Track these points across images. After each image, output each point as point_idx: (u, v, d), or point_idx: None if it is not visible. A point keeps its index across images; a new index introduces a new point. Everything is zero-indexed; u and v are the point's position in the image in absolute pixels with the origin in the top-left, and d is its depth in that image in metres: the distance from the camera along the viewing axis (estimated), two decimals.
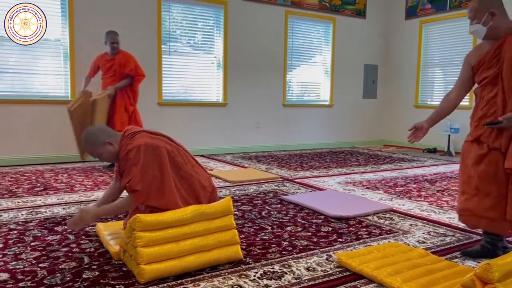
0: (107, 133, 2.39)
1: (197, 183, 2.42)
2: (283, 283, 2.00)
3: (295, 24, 7.44)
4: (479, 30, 2.23)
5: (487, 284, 1.58)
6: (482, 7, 2.20)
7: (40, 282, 1.98)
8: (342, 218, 3.09)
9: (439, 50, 7.63)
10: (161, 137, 2.43)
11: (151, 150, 2.26)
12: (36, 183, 4.23)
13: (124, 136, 2.38)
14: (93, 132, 2.39)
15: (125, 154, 2.29)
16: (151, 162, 2.24)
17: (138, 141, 2.28)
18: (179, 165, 2.37)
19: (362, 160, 6.27)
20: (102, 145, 2.34)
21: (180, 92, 6.64)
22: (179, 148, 2.46)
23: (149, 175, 2.21)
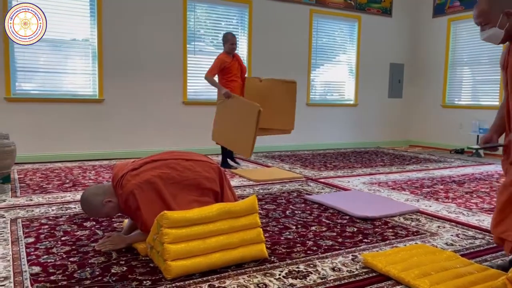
0: (101, 193, 2.34)
1: (203, 180, 2.42)
2: (308, 283, 2.00)
3: (319, 23, 7.40)
4: (496, 34, 1.94)
5: None
6: (495, 8, 1.91)
7: (70, 275, 2.03)
8: (368, 219, 3.06)
9: (467, 48, 7.45)
10: (145, 166, 2.36)
11: (144, 189, 2.24)
12: (65, 180, 4.34)
13: (115, 186, 2.34)
14: (88, 198, 2.33)
15: (125, 205, 2.29)
16: (150, 199, 2.25)
17: (128, 187, 2.25)
18: (178, 179, 2.35)
19: (387, 161, 6.18)
20: (102, 206, 2.32)
21: (204, 91, 6.69)
22: (168, 162, 2.41)
23: (155, 212, 2.19)
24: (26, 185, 4.07)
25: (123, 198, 2.28)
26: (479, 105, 7.23)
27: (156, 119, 6.18)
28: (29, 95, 5.54)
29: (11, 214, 3.06)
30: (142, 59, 6.03)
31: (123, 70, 5.90)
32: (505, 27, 1.91)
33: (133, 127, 6.01)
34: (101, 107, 5.82)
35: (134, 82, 5.99)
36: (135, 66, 5.99)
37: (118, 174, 2.36)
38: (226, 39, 5.07)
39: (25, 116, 5.41)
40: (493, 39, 1.98)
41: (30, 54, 5.44)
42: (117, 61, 5.86)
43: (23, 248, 2.37)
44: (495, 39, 1.98)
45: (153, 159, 2.44)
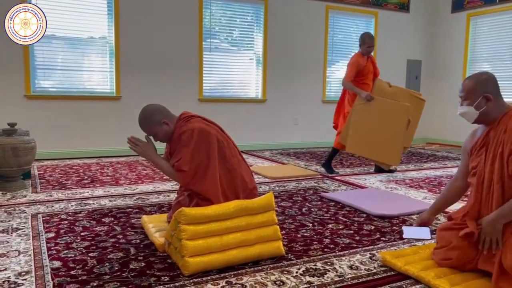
0: (164, 113, 2.42)
1: (239, 177, 2.44)
2: (326, 281, 1.99)
3: (335, 19, 7.33)
4: (470, 113, 2.00)
5: None
6: (478, 89, 1.97)
7: (90, 270, 2.06)
8: (385, 217, 3.03)
9: (487, 44, 7.30)
10: (214, 126, 2.47)
11: (204, 136, 2.31)
12: (83, 176, 4.41)
13: (180, 118, 2.44)
14: (151, 110, 2.41)
15: (179, 135, 2.35)
16: (201, 147, 2.30)
17: (193, 125, 2.33)
18: (226, 157, 2.40)
19: (404, 158, 6.11)
20: (158, 124, 2.39)
21: (219, 88, 6.71)
22: (229, 141, 2.50)
23: (197, 159, 2.27)
24: (46, 181, 4.14)
25: (181, 130, 2.34)
26: None
27: None
28: (48, 92, 5.63)
29: (32, 209, 3.12)
30: (158, 56, 6.06)
31: (140, 68, 5.95)
32: (481, 110, 1.98)
33: None
34: (118, 104, 5.88)
35: (150, 79, 6.04)
36: (152, 63, 6.03)
37: (189, 113, 2.47)
38: (363, 41, 4.73)
39: (44, 113, 5.50)
40: (467, 117, 2.05)
41: (49, 52, 5.53)
42: (134, 58, 5.91)
43: (43, 243, 2.42)
44: (469, 117, 2.04)
45: (222, 129, 2.52)
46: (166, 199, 3.50)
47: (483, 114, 1.99)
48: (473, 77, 2.04)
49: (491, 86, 1.99)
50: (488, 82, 2.00)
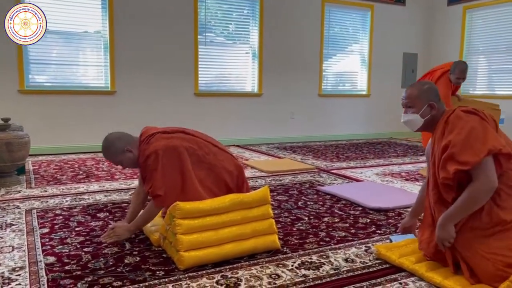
0: (125, 140, 2.34)
1: (222, 170, 2.40)
2: (321, 274, 1.99)
3: (331, 12, 7.30)
4: (415, 120, 1.98)
5: None
6: (422, 97, 1.96)
7: (84, 265, 2.05)
8: (381, 210, 3.03)
9: (483, 37, 7.30)
10: (177, 134, 2.38)
11: (169, 153, 2.24)
12: (79, 171, 4.39)
13: (141, 141, 2.35)
14: (112, 141, 2.33)
15: (144, 160, 2.27)
16: (170, 165, 2.23)
17: (155, 145, 2.25)
18: (201, 159, 2.34)
19: (400, 151, 6.12)
20: (122, 153, 2.32)
21: (215, 82, 6.68)
22: (198, 140, 2.42)
23: (170, 179, 2.21)
24: (41, 176, 4.12)
25: (145, 155, 2.27)
26: (494, 95, 7.09)
27: (167, 111, 6.19)
28: (42, 87, 5.58)
29: (26, 205, 3.10)
30: (153, 50, 6.02)
31: (135, 62, 5.91)
32: (426, 118, 1.97)
33: (144, 119, 6.02)
34: (113, 99, 5.85)
35: (145, 73, 6.00)
36: (147, 57, 5.99)
37: (148, 132, 2.38)
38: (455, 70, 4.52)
39: (38, 108, 5.46)
40: (411, 124, 2.03)
41: (43, 47, 5.48)
42: (129, 53, 5.87)
43: (38, 239, 2.40)
44: (413, 125, 2.02)
45: (186, 132, 2.45)
46: None
47: (427, 122, 1.98)
48: (417, 86, 2.04)
49: (434, 95, 1.98)
50: (431, 91, 1.99)
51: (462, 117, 1.82)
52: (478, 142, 1.74)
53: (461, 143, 1.75)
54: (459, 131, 1.78)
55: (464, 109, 1.87)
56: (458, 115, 1.84)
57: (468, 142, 1.75)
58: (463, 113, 1.84)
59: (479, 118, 1.82)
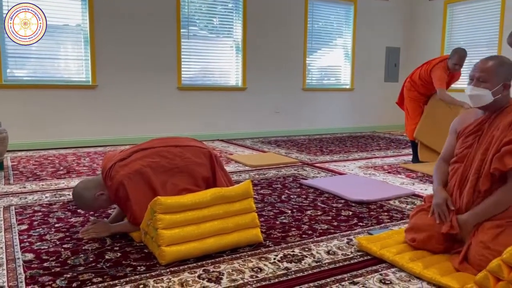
0: (91, 187, 2.29)
1: (193, 167, 2.38)
2: (303, 266, 1.99)
3: (315, 6, 7.30)
4: (485, 96, 1.86)
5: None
6: (500, 74, 1.84)
7: (64, 262, 2.02)
8: (363, 203, 3.06)
9: (464, 32, 7.39)
10: (135, 155, 2.33)
11: (134, 179, 2.21)
12: (59, 167, 4.31)
13: (104, 178, 2.30)
14: (80, 193, 2.28)
15: (115, 195, 2.24)
16: (140, 190, 2.21)
17: (117, 178, 2.21)
18: (168, 167, 2.31)
19: (383, 145, 6.18)
20: (95, 200, 2.28)
21: (199, 76, 6.63)
22: (158, 150, 2.38)
23: (144, 203, 2.17)
24: (20, 172, 4.04)
25: (113, 190, 2.24)
26: None
27: (150, 105, 6.13)
28: (21, 81, 5.46)
29: (4, 201, 3.04)
30: (135, 44, 5.94)
31: (116, 56, 5.83)
32: (497, 97, 1.87)
33: (127, 113, 5.96)
34: (94, 93, 5.76)
35: (127, 67, 5.92)
36: (128, 51, 5.91)
37: (106, 166, 2.31)
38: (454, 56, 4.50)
39: (17, 103, 5.34)
40: (478, 100, 1.91)
41: None
42: (110, 46, 5.77)
43: (16, 236, 2.36)
44: (480, 101, 1.90)
45: (142, 148, 2.40)
46: None
47: (495, 101, 1.87)
48: (496, 60, 1.88)
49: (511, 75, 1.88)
50: (510, 69, 1.88)
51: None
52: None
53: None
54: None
55: None
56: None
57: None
58: None
59: None
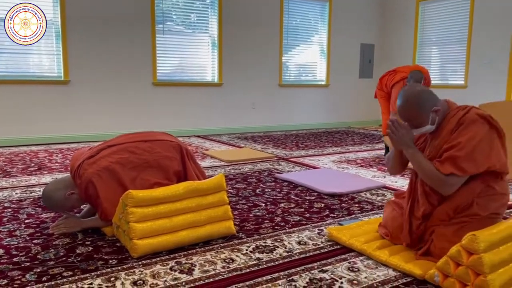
0: (63, 186, 2.27)
1: (163, 161, 2.38)
2: (275, 256, 2.03)
3: (291, 3, 7.35)
4: (429, 129, 1.96)
5: (473, 254, 1.61)
6: (424, 110, 1.90)
7: (34, 257, 2.00)
8: (335, 195, 3.12)
9: (436, 28, 7.58)
10: (102, 152, 2.31)
11: (103, 176, 2.20)
12: (30, 163, 4.23)
13: (73, 177, 2.28)
14: (50, 194, 2.25)
15: (85, 193, 2.23)
16: (109, 187, 2.20)
17: (86, 176, 2.19)
18: (137, 163, 2.31)
19: (357, 140, 6.29)
20: (66, 200, 2.25)
21: (176, 72, 6.59)
22: (126, 146, 2.37)
23: (115, 199, 2.17)
24: None
25: (82, 188, 2.22)
26: (447, 84, 7.40)
27: (124, 101, 6.06)
28: None
29: None
30: (109, 39, 5.86)
31: (89, 51, 5.74)
32: (437, 122, 1.94)
33: (101, 109, 5.88)
34: (67, 89, 5.66)
35: (101, 62, 5.83)
36: (102, 46, 5.82)
37: (75, 165, 2.29)
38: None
39: None
40: (426, 132, 2.01)
41: None
42: (83, 41, 5.68)
43: None
44: (427, 132, 2.01)
45: (109, 145, 2.38)
46: None
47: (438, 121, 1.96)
48: (411, 103, 1.93)
49: (431, 99, 1.94)
50: (426, 98, 1.92)
51: (476, 123, 1.83)
52: (483, 156, 1.79)
53: (468, 151, 1.79)
54: (470, 137, 1.80)
55: (480, 112, 1.87)
56: (473, 119, 1.84)
57: (474, 152, 1.79)
58: (478, 117, 1.84)
59: (490, 127, 1.85)
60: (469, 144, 1.81)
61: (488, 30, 6.70)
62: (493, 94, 6.67)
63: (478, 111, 1.88)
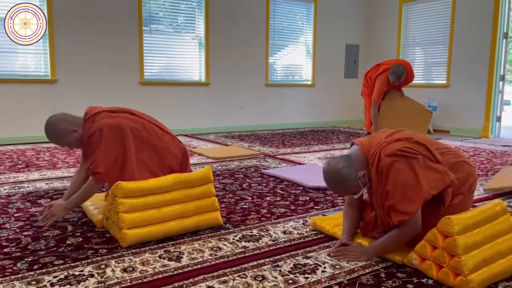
0: (68, 121, 2.34)
1: (166, 153, 2.45)
2: (261, 245, 2.10)
3: (276, 3, 7.45)
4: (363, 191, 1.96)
5: (448, 237, 1.70)
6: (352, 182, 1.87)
7: (24, 247, 2.04)
8: (320, 189, 3.20)
9: (419, 29, 7.75)
10: (123, 114, 2.41)
11: (114, 131, 2.27)
12: (17, 161, 4.23)
13: (86, 119, 2.36)
14: (54, 123, 2.33)
15: (88, 138, 2.28)
16: (113, 143, 2.26)
17: (100, 123, 2.27)
18: (145, 140, 2.38)
19: (342, 138, 6.40)
20: (67, 134, 2.32)
21: (163, 71, 6.63)
22: (143, 121, 2.45)
23: (111, 157, 2.23)
24: None
25: (89, 132, 2.28)
26: (430, 84, 7.57)
27: (112, 100, 6.05)
28: None
29: None
30: (96, 38, 5.88)
31: (77, 50, 5.74)
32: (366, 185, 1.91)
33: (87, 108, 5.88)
34: (54, 88, 5.66)
35: (88, 62, 5.84)
36: (89, 45, 5.83)
37: (93, 111, 2.39)
38: (392, 73, 5.25)
39: None
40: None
41: None
42: (70, 40, 5.68)
43: None
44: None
45: (132, 112, 2.47)
46: None
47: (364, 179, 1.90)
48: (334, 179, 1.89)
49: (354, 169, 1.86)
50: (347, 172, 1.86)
51: (392, 166, 1.81)
52: (413, 190, 1.78)
53: (399, 195, 1.80)
54: (393, 182, 1.80)
55: (389, 152, 1.82)
56: (388, 164, 1.81)
57: (404, 192, 1.79)
58: (391, 159, 1.81)
59: (407, 161, 1.80)
60: (396, 188, 1.80)
61: (469, 30, 6.88)
62: (474, 93, 6.86)
63: (387, 152, 1.82)
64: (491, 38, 6.59)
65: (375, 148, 1.89)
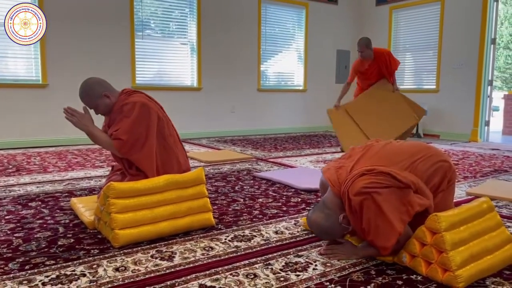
0: (105, 86, 2.44)
1: (174, 157, 2.49)
2: (252, 244, 2.12)
3: (268, 9, 7.51)
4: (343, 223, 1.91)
5: (436, 233, 1.73)
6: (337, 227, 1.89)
7: (15, 249, 2.03)
8: (311, 190, 3.23)
9: (408, 35, 7.85)
10: (156, 103, 2.53)
11: (145, 110, 2.36)
12: (8, 166, 4.21)
13: (123, 92, 2.48)
14: (92, 84, 2.43)
15: (120, 107, 2.37)
16: (142, 120, 2.35)
17: (135, 98, 2.38)
18: (164, 135, 2.46)
19: (334, 142, 6.44)
20: (100, 97, 2.40)
21: (155, 76, 6.64)
22: (168, 121, 2.55)
23: (136, 131, 2.32)
24: None
25: (123, 102, 2.36)
26: (421, 89, 7.66)
27: None
28: None
29: None
30: (87, 43, 5.88)
31: (68, 55, 5.74)
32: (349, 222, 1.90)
33: None
34: (45, 92, 5.64)
35: (80, 66, 5.83)
36: (81, 50, 5.83)
37: (131, 89, 2.53)
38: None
39: None
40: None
41: None
42: (62, 45, 5.68)
43: None
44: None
45: (162, 107, 2.59)
46: (98, 184, 3.46)
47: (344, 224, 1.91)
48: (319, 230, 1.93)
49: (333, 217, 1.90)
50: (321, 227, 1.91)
51: (362, 205, 1.78)
52: (385, 227, 1.76)
53: (372, 232, 1.80)
54: (367, 219, 1.79)
55: (356, 191, 1.78)
56: (358, 203, 1.79)
57: (377, 231, 1.79)
58: (360, 200, 1.78)
59: (373, 198, 1.76)
60: (370, 226, 1.79)
61: (458, 36, 6.99)
62: (463, 97, 6.96)
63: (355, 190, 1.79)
64: (479, 44, 6.70)
65: (343, 187, 1.87)
